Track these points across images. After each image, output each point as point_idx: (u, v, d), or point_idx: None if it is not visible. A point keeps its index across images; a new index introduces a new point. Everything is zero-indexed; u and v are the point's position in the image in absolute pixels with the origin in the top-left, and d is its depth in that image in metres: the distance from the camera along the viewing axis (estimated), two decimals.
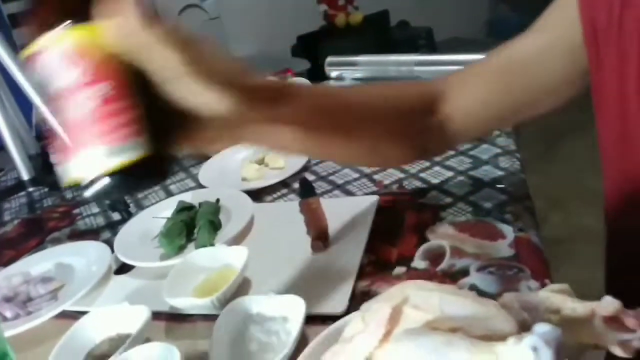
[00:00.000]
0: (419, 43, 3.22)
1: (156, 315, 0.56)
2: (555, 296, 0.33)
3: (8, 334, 0.56)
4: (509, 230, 0.59)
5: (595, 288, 0.64)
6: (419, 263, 0.58)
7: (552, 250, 2.21)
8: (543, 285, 0.51)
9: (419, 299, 0.38)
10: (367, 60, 1.02)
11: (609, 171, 0.56)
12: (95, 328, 0.54)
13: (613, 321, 0.29)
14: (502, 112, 0.58)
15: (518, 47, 0.56)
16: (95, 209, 0.82)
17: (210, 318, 0.52)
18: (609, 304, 0.28)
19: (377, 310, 0.39)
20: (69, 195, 0.89)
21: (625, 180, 0.54)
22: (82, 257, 0.68)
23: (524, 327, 0.35)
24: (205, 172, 0.83)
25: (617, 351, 0.29)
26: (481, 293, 0.52)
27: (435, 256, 0.58)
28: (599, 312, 0.29)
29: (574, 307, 0.31)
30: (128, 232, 0.68)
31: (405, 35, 3.22)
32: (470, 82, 0.59)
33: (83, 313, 0.56)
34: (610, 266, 0.62)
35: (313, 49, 2.79)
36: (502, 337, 0.33)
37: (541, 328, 0.29)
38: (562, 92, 0.56)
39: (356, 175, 0.78)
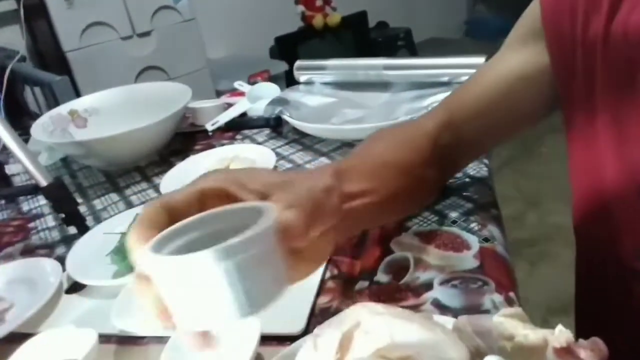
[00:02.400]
0: (398, 44, 3.22)
1: (106, 338, 0.53)
2: (508, 321, 0.31)
3: None
4: (474, 241, 0.58)
5: (569, 290, 0.63)
6: (381, 277, 0.56)
7: (527, 251, 2.22)
8: (507, 299, 0.50)
9: (370, 324, 0.36)
10: (335, 64, 1.00)
11: (576, 179, 0.55)
12: (38, 354, 0.51)
13: (566, 352, 0.27)
14: (501, 130, 0.59)
15: (504, 66, 0.56)
16: (51, 223, 0.79)
17: (164, 340, 0.49)
18: (560, 335, 0.27)
19: (328, 336, 0.38)
20: (25, 207, 0.85)
21: (592, 188, 0.53)
22: (33, 275, 0.64)
23: (477, 354, 0.33)
24: (167, 181, 0.80)
25: None
26: (444, 308, 0.50)
27: (399, 269, 0.56)
28: (550, 342, 0.27)
29: (527, 334, 0.29)
30: (81, 248, 0.65)
31: (384, 35, 3.21)
32: (469, 107, 0.58)
33: (32, 335, 0.53)
34: (579, 273, 0.61)
35: (291, 50, 2.77)
36: None
37: None
38: (552, 102, 0.56)
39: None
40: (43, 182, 0.70)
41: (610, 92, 0.47)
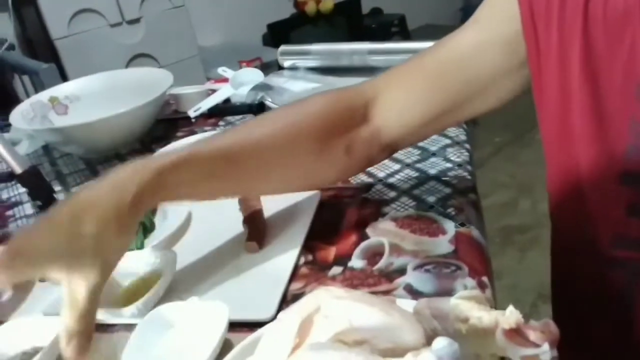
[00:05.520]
0: (392, 30, 3.19)
1: None
2: (464, 303, 0.30)
3: None
4: (450, 226, 0.57)
5: None
6: (356, 262, 0.55)
7: (518, 238, 2.21)
8: (480, 283, 0.49)
9: (330, 308, 0.35)
10: (319, 49, 0.99)
11: (551, 164, 0.55)
12: (8, 342, 0.50)
13: (516, 334, 0.26)
14: (439, 114, 0.55)
15: (453, 44, 0.54)
16: (29, 211, 0.78)
17: (132, 328, 0.49)
18: (510, 316, 0.26)
19: (289, 320, 0.37)
20: (4, 195, 0.84)
21: (567, 174, 0.52)
22: None
23: (434, 336, 0.32)
24: None
25: None
26: (416, 292, 0.49)
27: (374, 254, 0.56)
28: (500, 324, 0.26)
29: (480, 316, 0.29)
30: None
31: (378, 22, 3.18)
32: (403, 85, 0.56)
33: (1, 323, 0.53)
34: (554, 258, 0.61)
35: (284, 37, 2.74)
36: (406, 349, 0.31)
37: (438, 343, 0.27)
38: (502, 87, 0.54)
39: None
40: (18, 170, 0.69)
41: (588, 75, 0.46)
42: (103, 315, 0.51)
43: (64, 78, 1.94)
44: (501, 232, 1.91)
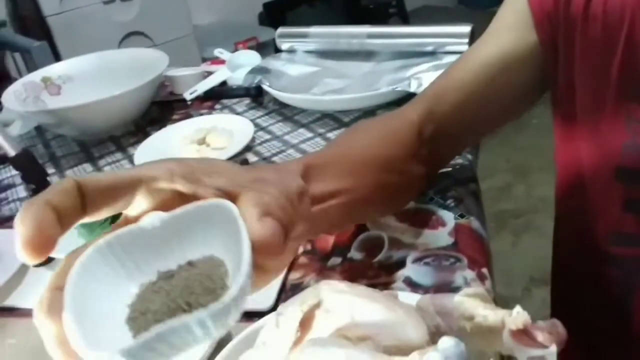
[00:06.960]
0: (390, 11, 3.15)
1: None
2: (469, 301, 0.30)
3: None
4: (449, 217, 0.57)
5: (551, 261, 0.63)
6: (355, 254, 0.55)
7: (512, 222, 2.22)
8: (479, 275, 0.49)
9: (331, 302, 0.35)
10: (318, 32, 0.97)
11: (560, 159, 0.55)
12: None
13: (524, 334, 0.26)
14: (487, 119, 0.56)
15: (482, 55, 0.54)
16: (22, 194, 0.77)
17: None
18: (517, 317, 0.26)
19: (290, 314, 0.37)
20: None
21: (572, 170, 0.53)
22: (1, 247, 0.63)
23: (437, 333, 0.32)
24: (141, 152, 0.78)
25: None
26: (415, 285, 0.49)
27: (373, 247, 0.55)
28: (507, 324, 0.26)
29: (486, 314, 0.28)
30: None
31: (376, 2, 3.14)
32: (453, 95, 0.55)
33: None
34: (556, 249, 0.61)
35: (280, 17, 2.71)
36: (410, 347, 0.30)
37: (444, 343, 0.26)
38: (539, 88, 0.54)
39: (300, 156, 0.74)
40: (11, 152, 0.68)
41: (587, 73, 0.47)
42: None
43: (56, 56, 1.91)
44: (496, 217, 1.92)
